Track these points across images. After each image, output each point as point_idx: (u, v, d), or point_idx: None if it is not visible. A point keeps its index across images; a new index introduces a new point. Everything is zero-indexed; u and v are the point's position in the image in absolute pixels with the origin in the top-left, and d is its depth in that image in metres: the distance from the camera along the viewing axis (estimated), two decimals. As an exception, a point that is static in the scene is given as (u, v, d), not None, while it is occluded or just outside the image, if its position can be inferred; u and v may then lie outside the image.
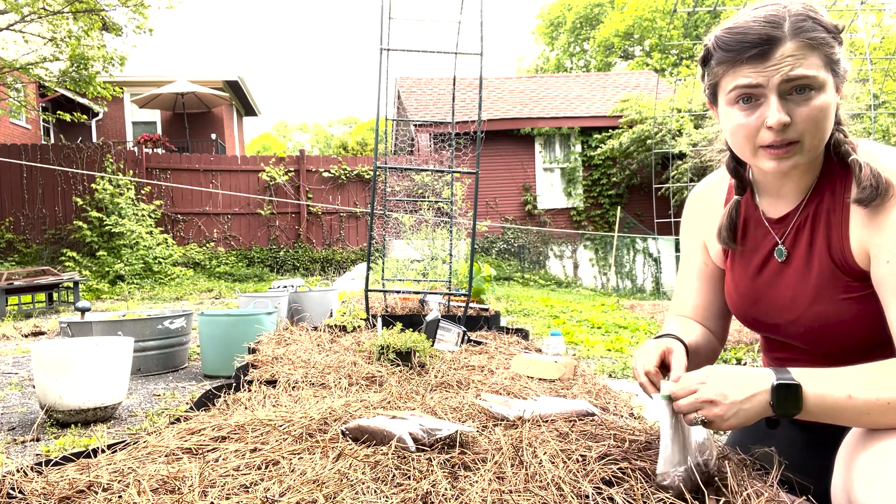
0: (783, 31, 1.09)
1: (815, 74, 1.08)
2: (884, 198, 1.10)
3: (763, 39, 1.09)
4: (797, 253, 1.24)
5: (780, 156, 1.12)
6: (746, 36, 1.10)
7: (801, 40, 1.08)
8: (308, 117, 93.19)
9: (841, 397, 1.03)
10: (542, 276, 12.99)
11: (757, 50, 1.09)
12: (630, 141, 13.08)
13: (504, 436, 1.30)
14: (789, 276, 1.25)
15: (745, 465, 1.19)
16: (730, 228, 1.32)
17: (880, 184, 1.09)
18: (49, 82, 11.98)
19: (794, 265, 1.24)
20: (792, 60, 1.08)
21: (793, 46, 1.08)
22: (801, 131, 1.11)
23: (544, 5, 33.58)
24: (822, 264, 1.19)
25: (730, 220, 1.32)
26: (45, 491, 1.04)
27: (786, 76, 1.08)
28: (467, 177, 11.96)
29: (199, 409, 1.68)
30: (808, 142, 1.12)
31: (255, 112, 23.25)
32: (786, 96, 1.10)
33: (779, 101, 1.09)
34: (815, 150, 1.14)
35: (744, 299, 1.34)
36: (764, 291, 1.29)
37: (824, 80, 1.10)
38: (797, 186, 1.23)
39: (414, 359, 2.23)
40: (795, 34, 1.08)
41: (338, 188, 12.93)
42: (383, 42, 3.35)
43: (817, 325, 1.22)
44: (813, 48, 1.09)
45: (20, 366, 4.52)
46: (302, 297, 5.60)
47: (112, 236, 11.28)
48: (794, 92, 1.10)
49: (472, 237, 3.53)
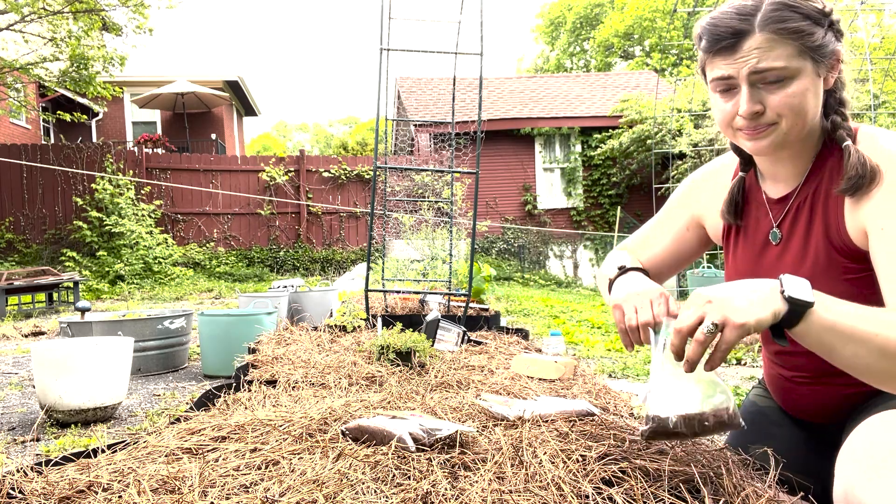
0: (752, 24, 1.12)
1: (784, 65, 1.11)
2: (870, 185, 1.11)
3: (731, 33, 1.13)
4: (795, 234, 1.25)
5: (755, 136, 1.18)
6: (718, 28, 1.14)
7: (768, 32, 1.11)
8: (308, 117, 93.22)
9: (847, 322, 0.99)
10: (542, 276, 12.99)
11: (725, 42, 1.14)
12: (630, 141, 13.07)
13: (504, 436, 1.30)
14: (787, 258, 1.26)
15: (744, 464, 1.19)
16: (731, 203, 1.35)
17: (865, 172, 1.11)
18: (49, 82, 11.98)
19: (792, 247, 1.26)
20: (758, 53, 1.11)
21: (760, 38, 1.11)
22: (776, 116, 1.15)
23: (544, 5, 33.58)
24: (819, 246, 1.21)
25: (731, 195, 1.35)
26: (45, 491, 1.04)
27: (752, 69, 1.12)
28: (467, 177, 11.96)
29: (199, 409, 1.68)
30: (785, 123, 1.15)
31: (255, 112, 23.24)
32: (758, 85, 1.14)
33: (749, 91, 1.14)
34: (798, 129, 1.17)
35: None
36: (763, 273, 1.30)
37: (797, 68, 1.12)
38: (793, 169, 1.25)
39: (414, 359, 2.23)
40: (764, 26, 1.11)
41: (338, 188, 12.93)
42: (383, 42, 3.35)
43: None
44: (782, 39, 1.11)
45: (20, 366, 4.52)
46: (302, 297, 5.60)
47: (112, 236, 11.28)
48: (766, 81, 1.13)
49: (472, 237, 3.53)
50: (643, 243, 1.54)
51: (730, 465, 1.14)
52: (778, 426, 1.42)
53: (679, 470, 1.13)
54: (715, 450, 1.24)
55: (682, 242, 1.49)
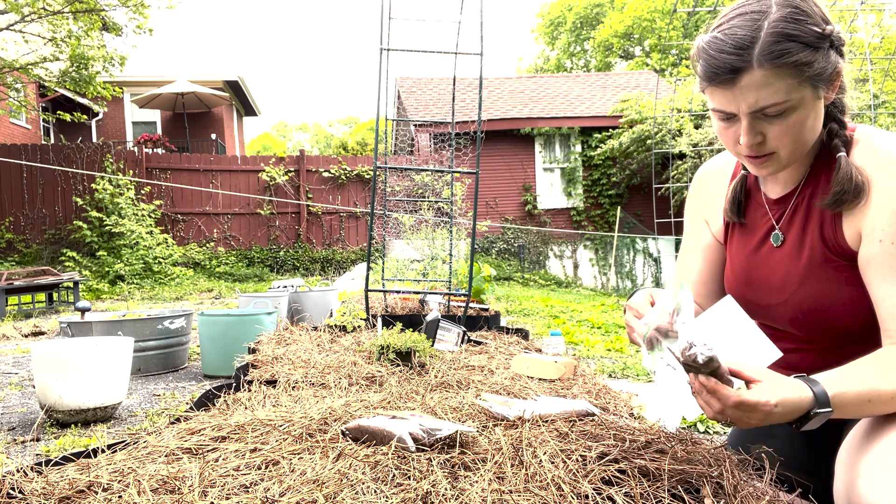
0: (749, 60, 1.08)
1: (784, 99, 1.09)
2: (854, 200, 1.13)
3: (728, 69, 1.10)
4: (791, 234, 1.26)
5: (758, 165, 1.19)
6: (714, 62, 1.11)
7: (767, 68, 1.07)
8: (308, 117, 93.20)
9: (863, 392, 1.04)
10: (542, 276, 12.98)
11: (724, 77, 1.11)
12: (630, 141, 13.07)
13: (504, 436, 1.30)
14: (782, 257, 1.28)
15: (744, 464, 1.19)
16: (734, 202, 1.36)
17: (850, 188, 1.13)
18: (49, 82, 11.98)
19: (788, 246, 1.27)
20: (756, 91, 1.09)
21: (759, 75, 1.08)
22: (776, 146, 1.15)
23: (544, 5, 33.57)
24: (814, 246, 1.22)
25: (734, 194, 1.36)
26: (45, 491, 1.04)
27: (751, 107, 1.11)
28: (467, 177, 11.96)
29: (199, 409, 1.68)
30: (783, 153, 1.16)
31: (255, 112, 23.25)
32: (759, 116, 1.13)
33: (749, 124, 1.13)
34: (795, 156, 1.18)
35: (738, 279, 1.37)
36: (757, 271, 1.32)
37: (798, 98, 1.10)
38: (793, 173, 1.27)
39: (414, 359, 2.23)
40: (762, 62, 1.07)
41: (338, 188, 12.93)
42: (383, 42, 3.35)
43: (807, 307, 1.24)
44: (781, 73, 1.08)
45: (20, 366, 4.52)
46: (302, 297, 5.60)
47: (112, 236, 11.28)
48: (766, 115, 1.12)
49: (472, 237, 3.53)
50: (684, 272, 1.50)
51: (729, 464, 1.14)
52: (778, 425, 1.42)
53: (678, 470, 1.13)
54: (714, 449, 1.24)
55: (714, 251, 1.46)
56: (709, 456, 1.21)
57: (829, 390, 1.02)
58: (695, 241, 1.48)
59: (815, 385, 1.03)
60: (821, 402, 1.02)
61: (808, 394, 1.02)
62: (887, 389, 1.04)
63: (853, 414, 1.06)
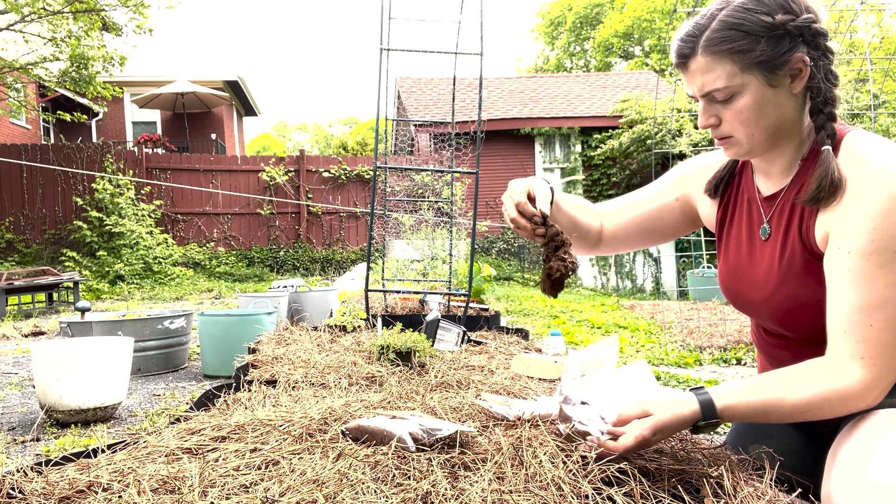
0: (694, 47, 1.17)
1: (726, 85, 1.15)
2: (830, 198, 1.13)
3: (678, 55, 1.20)
4: (777, 232, 1.27)
5: (723, 147, 1.26)
6: (675, 48, 1.21)
7: (707, 55, 1.15)
8: (308, 117, 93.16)
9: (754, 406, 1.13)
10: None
11: (678, 62, 1.20)
12: (630, 141, 13.08)
13: (504, 436, 1.30)
14: (766, 254, 1.28)
15: (744, 464, 1.19)
16: (716, 178, 1.40)
17: (825, 186, 1.13)
18: (49, 82, 11.98)
19: (772, 244, 1.27)
20: (700, 76, 1.17)
21: (701, 61, 1.16)
22: (729, 130, 1.20)
23: (544, 5, 33.57)
24: (794, 245, 1.22)
25: (719, 172, 1.40)
26: (45, 491, 1.04)
27: (700, 90, 1.19)
28: (467, 177, 11.96)
29: (199, 409, 1.68)
30: (739, 136, 1.20)
31: (255, 112, 23.25)
32: (710, 99, 1.19)
33: (703, 107, 1.21)
34: (760, 139, 1.20)
35: (728, 272, 1.38)
36: (744, 266, 1.33)
37: (741, 84, 1.15)
38: (782, 168, 1.27)
39: (414, 359, 2.23)
40: (704, 50, 1.15)
41: (338, 188, 12.93)
42: (383, 42, 3.35)
43: (787, 306, 1.24)
44: (720, 59, 1.14)
45: (20, 366, 4.52)
46: (302, 297, 5.60)
47: (112, 236, 11.28)
48: (716, 99, 1.18)
49: (472, 237, 3.53)
50: (625, 202, 1.59)
51: (729, 464, 1.14)
52: (776, 426, 1.42)
53: (678, 469, 1.13)
54: (714, 449, 1.25)
55: (667, 210, 1.52)
56: (709, 456, 1.21)
57: (717, 402, 1.10)
58: (649, 194, 1.55)
59: (703, 397, 1.11)
60: (706, 414, 1.10)
61: (693, 407, 1.10)
62: (790, 400, 1.09)
63: (754, 421, 1.16)
